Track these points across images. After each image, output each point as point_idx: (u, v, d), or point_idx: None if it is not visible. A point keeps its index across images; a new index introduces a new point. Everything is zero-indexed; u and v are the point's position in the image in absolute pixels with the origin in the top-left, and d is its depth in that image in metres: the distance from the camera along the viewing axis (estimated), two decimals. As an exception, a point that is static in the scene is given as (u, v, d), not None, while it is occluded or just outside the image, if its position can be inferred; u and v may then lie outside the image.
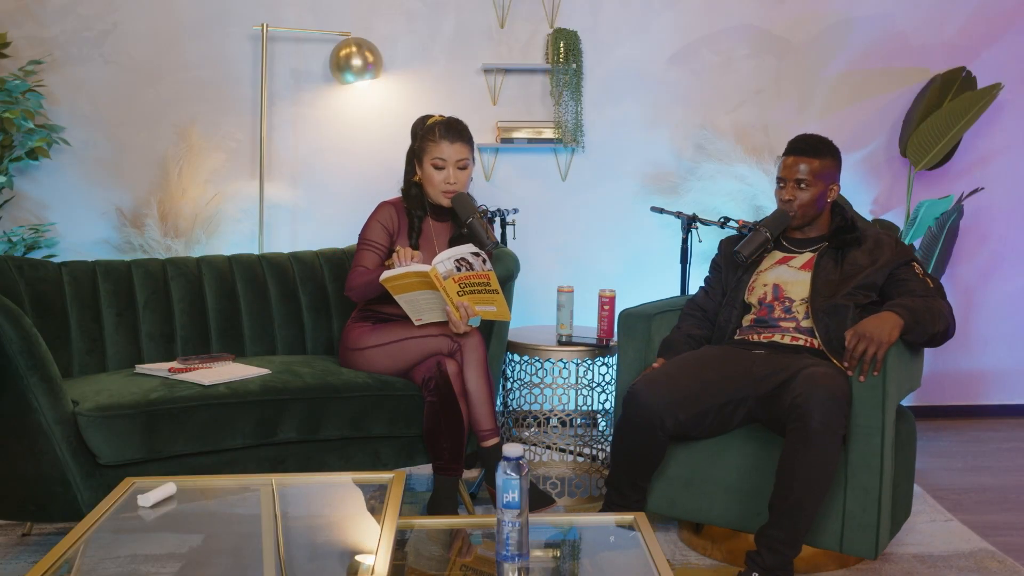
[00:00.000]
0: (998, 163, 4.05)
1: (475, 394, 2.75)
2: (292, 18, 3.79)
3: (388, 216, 2.92)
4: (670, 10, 3.91)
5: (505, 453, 1.80)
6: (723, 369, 2.56)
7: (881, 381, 2.34)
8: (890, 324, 2.36)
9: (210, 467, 2.57)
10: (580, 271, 3.96)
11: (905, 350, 2.45)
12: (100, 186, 3.78)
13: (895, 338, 2.35)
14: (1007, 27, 3.99)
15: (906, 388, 2.53)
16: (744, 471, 2.52)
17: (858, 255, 2.63)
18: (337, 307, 3.26)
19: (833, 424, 2.30)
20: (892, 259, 2.60)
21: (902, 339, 2.39)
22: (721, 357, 2.62)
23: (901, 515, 2.63)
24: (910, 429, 2.64)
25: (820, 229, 2.73)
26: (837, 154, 2.71)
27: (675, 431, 2.49)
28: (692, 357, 2.64)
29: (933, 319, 2.44)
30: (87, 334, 2.91)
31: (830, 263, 2.64)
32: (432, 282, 2.62)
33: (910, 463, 2.65)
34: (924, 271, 2.61)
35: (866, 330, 2.35)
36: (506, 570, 1.80)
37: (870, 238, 2.67)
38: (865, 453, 2.37)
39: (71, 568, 1.84)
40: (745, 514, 2.51)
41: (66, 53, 3.72)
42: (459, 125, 2.89)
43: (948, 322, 2.48)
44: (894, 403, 2.39)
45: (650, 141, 3.96)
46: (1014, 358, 4.16)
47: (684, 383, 2.51)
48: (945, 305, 2.52)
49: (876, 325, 2.35)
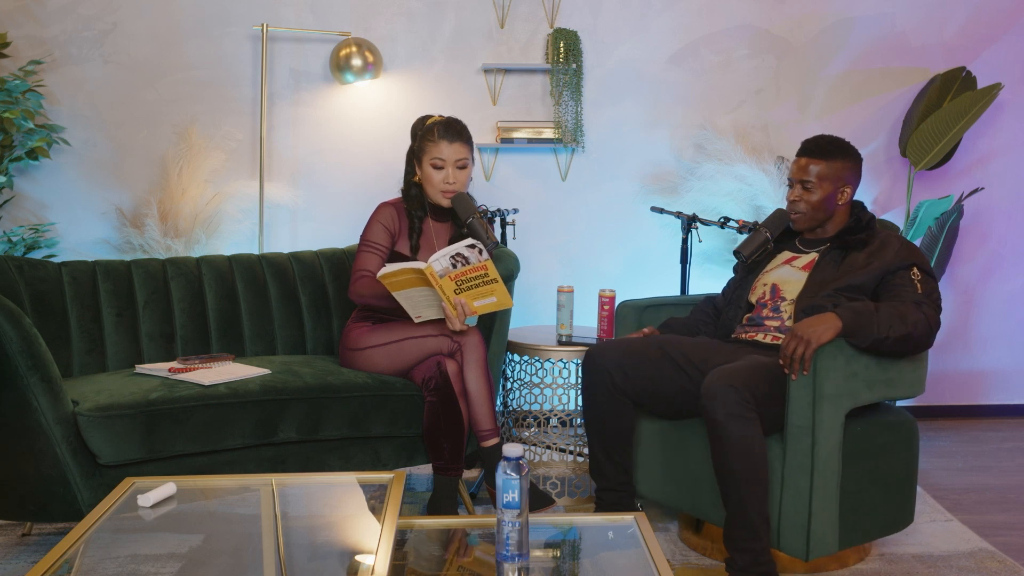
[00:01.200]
0: (998, 163, 4.05)
1: (475, 394, 2.75)
2: (292, 18, 3.79)
3: (388, 217, 2.92)
4: (670, 10, 3.91)
5: (505, 453, 1.80)
6: (689, 352, 2.62)
7: (812, 381, 2.32)
8: (825, 325, 2.32)
9: (210, 467, 2.57)
10: (580, 271, 3.96)
11: (859, 354, 2.36)
12: (100, 186, 3.78)
13: (827, 339, 2.30)
14: (1007, 27, 3.99)
15: (890, 392, 2.45)
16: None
17: (859, 257, 2.59)
18: (337, 307, 3.26)
19: (735, 410, 2.28)
20: (890, 262, 2.53)
21: (848, 342, 2.34)
22: (695, 343, 2.67)
23: (898, 519, 2.57)
24: (909, 434, 2.57)
25: (836, 230, 2.69)
26: (851, 156, 2.64)
27: (627, 390, 2.60)
28: (665, 337, 2.72)
29: (882, 324, 2.33)
30: (87, 334, 2.91)
31: (830, 264, 2.63)
32: (428, 279, 2.62)
33: (910, 467, 2.58)
34: (926, 276, 2.51)
35: (799, 329, 2.33)
36: (506, 570, 1.80)
37: (878, 240, 2.61)
38: (797, 452, 2.35)
39: (71, 568, 1.84)
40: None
41: (66, 53, 3.72)
42: (458, 125, 2.89)
43: (909, 331, 2.35)
44: (835, 404, 2.33)
45: (650, 141, 3.96)
46: (1014, 358, 4.16)
47: (638, 348, 2.63)
48: (919, 314, 2.39)
49: (810, 325, 2.33)
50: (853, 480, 2.41)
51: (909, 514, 2.61)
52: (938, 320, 2.44)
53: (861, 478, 2.44)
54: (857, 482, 2.43)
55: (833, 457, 2.35)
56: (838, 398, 2.34)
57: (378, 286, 2.79)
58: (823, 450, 2.34)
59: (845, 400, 2.35)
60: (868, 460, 2.45)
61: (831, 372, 2.32)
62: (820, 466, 2.34)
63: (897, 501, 2.56)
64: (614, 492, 2.68)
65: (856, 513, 2.44)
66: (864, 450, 2.44)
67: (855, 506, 2.43)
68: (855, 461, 2.41)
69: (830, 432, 2.34)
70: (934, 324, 2.42)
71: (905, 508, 2.60)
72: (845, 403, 2.35)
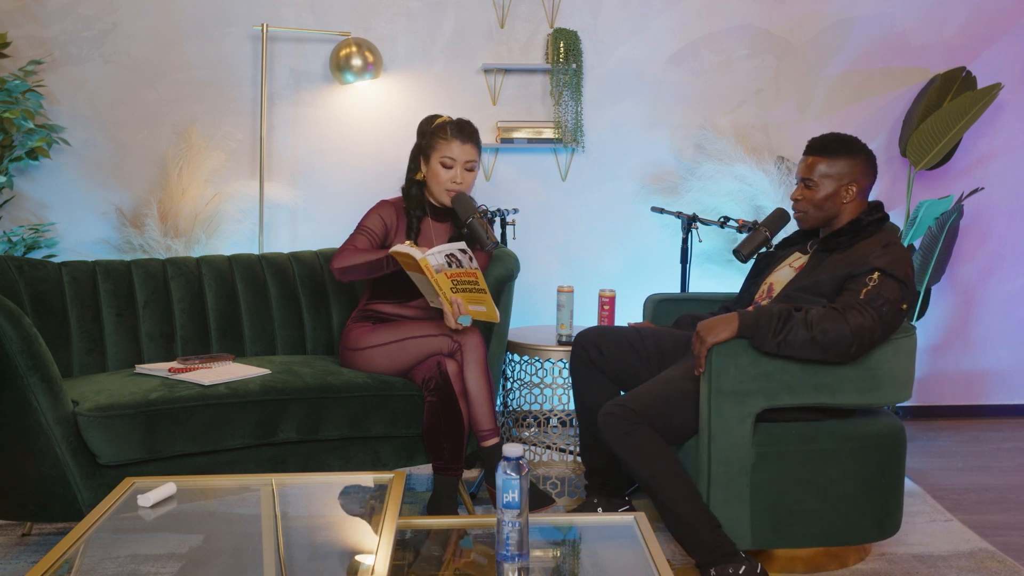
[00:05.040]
0: (998, 163, 4.05)
1: (475, 394, 2.75)
2: (292, 18, 3.79)
3: (388, 213, 2.95)
4: (670, 10, 3.91)
5: (505, 453, 1.80)
6: (664, 344, 2.73)
7: (707, 380, 2.37)
8: (722, 326, 2.35)
9: (210, 467, 2.57)
10: (580, 271, 3.96)
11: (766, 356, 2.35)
12: (100, 186, 3.78)
13: (721, 339, 2.34)
14: (1007, 27, 3.99)
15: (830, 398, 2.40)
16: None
17: (838, 258, 2.52)
18: (337, 307, 3.26)
19: (616, 430, 2.38)
20: (855, 265, 2.44)
21: (751, 344, 2.34)
22: (674, 337, 2.75)
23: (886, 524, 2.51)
24: (896, 436, 2.50)
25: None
26: (858, 154, 2.58)
27: (604, 367, 2.72)
28: (654, 327, 2.83)
29: (782, 330, 2.29)
30: (87, 334, 2.91)
31: (812, 264, 2.60)
32: (423, 268, 2.63)
33: (895, 471, 2.50)
34: (885, 280, 2.38)
35: (700, 328, 2.39)
36: (506, 570, 1.80)
37: (863, 242, 2.53)
38: (699, 447, 2.41)
39: (71, 568, 1.84)
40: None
41: (66, 53, 3.72)
42: (471, 127, 2.92)
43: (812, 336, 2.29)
44: (739, 403, 2.35)
45: (650, 141, 3.96)
46: (1014, 358, 4.16)
47: (618, 332, 2.76)
48: (837, 320, 2.30)
49: (709, 325, 2.37)
50: (777, 481, 2.41)
51: (890, 525, 2.53)
52: (871, 328, 2.32)
53: (792, 481, 2.41)
54: (784, 484, 2.41)
55: (738, 454, 2.39)
56: (742, 396, 2.37)
57: (358, 255, 2.81)
58: (722, 445, 2.38)
59: (755, 399, 2.38)
60: (807, 464, 2.41)
61: (731, 371, 2.36)
62: (719, 461, 2.39)
63: (853, 509, 2.45)
64: (600, 473, 2.76)
65: (780, 514, 2.42)
66: (800, 453, 2.41)
67: (780, 508, 2.41)
68: (785, 463, 2.41)
69: (733, 429, 2.38)
70: (859, 332, 2.31)
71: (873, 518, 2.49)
72: (755, 403, 2.38)
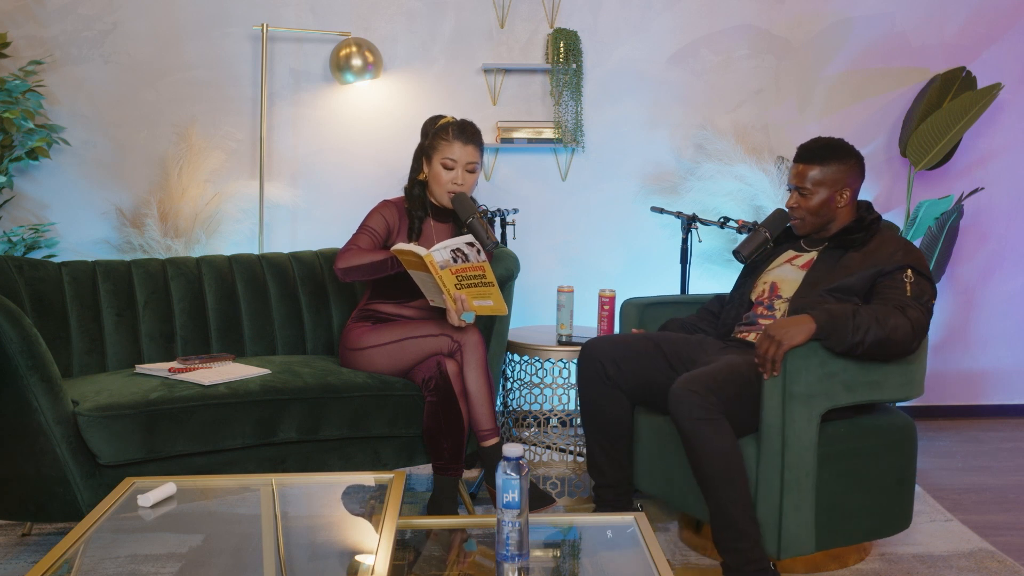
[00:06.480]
0: (998, 163, 4.05)
1: (475, 394, 2.75)
2: (292, 18, 3.79)
3: (390, 212, 2.95)
4: (670, 10, 3.91)
5: (505, 453, 1.80)
6: (680, 349, 2.66)
7: (781, 381, 2.32)
8: (798, 327, 2.31)
9: (210, 467, 2.57)
10: (580, 271, 3.96)
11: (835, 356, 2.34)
12: (100, 186, 3.78)
13: (799, 341, 2.29)
14: (1007, 27, 3.99)
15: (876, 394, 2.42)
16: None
17: (856, 256, 2.56)
18: (337, 307, 3.26)
19: (700, 414, 2.29)
20: (885, 263, 2.49)
21: (822, 345, 2.32)
22: (687, 341, 2.70)
23: (891, 522, 2.54)
24: (903, 437, 2.53)
25: (839, 230, 2.66)
26: (848, 157, 2.60)
27: (620, 382, 2.63)
28: (661, 333, 2.77)
29: (860, 328, 2.30)
30: (87, 334, 2.91)
31: (827, 263, 2.61)
32: (427, 266, 2.63)
33: (905, 470, 2.54)
34: (919, 278, 2.46)
35: (772, 330, 2.33)
36: (506, 570, 1.80)
37: (877, 240, 2.58)
38: (768, 452, 2.35)
39: (71, 568, 1.84)
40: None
41: (66, 53, 3.72)
42: (473, 128, 2.92)
43: (888, 335, 2.31)
44: (807, 405, 2.32)
45: (650, 141, 3.96)
46: (1014, 358, 4.16)
47: (631, 343, 2.68)
48: (901, 318, 2.34)
49: (783, 326, 2.32)
50: (833, 481, 2.40)
51: (906, 518, 2.58)
52: (924, 324, 2.39)
53: (842, 480, 2.41)
54: (838, 484, 2.41)
55: (806, 457, 2.35)
56: (810, 399, 2.33)
57: (362, 255, 2.81)
58: (794, 450, 2.34)
59: (820, 401, 2.35)
60: (851, 462, 2.43)
61: (802, 373, 2.32)
62: (792, 466, 2.34)
63: (887, 504, 2.51)
64: (611, 489, 2.69)
65: (837, 514, 2.41)
66: (846, 452, 2.42)
67: (836, 507, 2.41)
68: (836, 462, 2.40)
69: (802, 432, 2.34)
70: (918, 328, 2.37)
71: (899, 511, 2.56)
72: (820, 404, 2.35)
